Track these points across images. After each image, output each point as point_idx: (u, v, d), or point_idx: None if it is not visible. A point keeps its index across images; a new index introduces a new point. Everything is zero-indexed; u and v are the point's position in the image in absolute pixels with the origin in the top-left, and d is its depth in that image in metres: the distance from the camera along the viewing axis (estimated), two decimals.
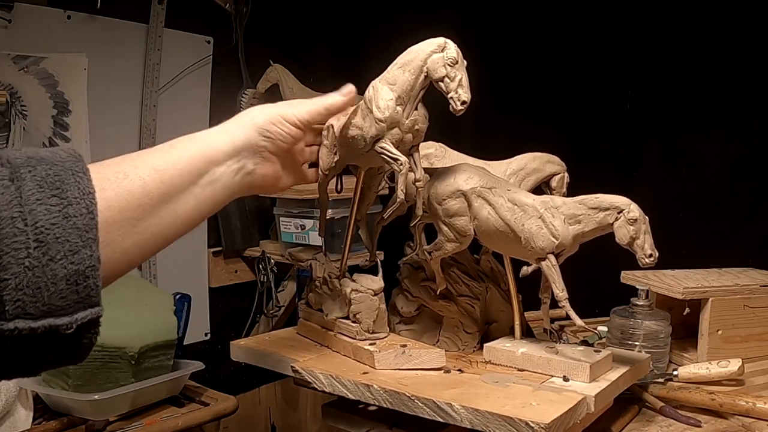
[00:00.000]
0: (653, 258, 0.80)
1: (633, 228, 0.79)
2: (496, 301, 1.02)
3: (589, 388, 0.81)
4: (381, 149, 0.81)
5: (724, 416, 0.93)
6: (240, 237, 1.93)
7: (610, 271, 1.23)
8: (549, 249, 0.83)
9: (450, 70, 0.78)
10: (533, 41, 1.71)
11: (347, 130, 0.84)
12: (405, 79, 0.80)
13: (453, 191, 0.87)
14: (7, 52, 1.43)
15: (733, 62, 1.43)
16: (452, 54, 0.79)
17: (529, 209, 0.84)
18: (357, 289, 0.93)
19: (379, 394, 0.81)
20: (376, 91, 0.81)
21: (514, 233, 0.85)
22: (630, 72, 1.59)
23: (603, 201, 0.82)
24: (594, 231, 0.83)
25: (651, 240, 0.80)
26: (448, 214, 0.87)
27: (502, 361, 0.91)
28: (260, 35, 1.91)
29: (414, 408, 0.78)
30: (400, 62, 0.82)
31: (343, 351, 0.95)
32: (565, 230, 0.83)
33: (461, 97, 0.78)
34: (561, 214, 0.83)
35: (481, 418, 0.73)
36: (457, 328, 1.01)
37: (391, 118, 0.80)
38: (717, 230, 1.47)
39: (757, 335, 1.15)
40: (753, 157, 1.42)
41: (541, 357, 0.87)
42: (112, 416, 1.15)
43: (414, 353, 0.88)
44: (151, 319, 1.25)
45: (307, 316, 1.05)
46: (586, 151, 1.66)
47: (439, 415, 0.76)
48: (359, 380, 0.84)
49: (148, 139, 1.67)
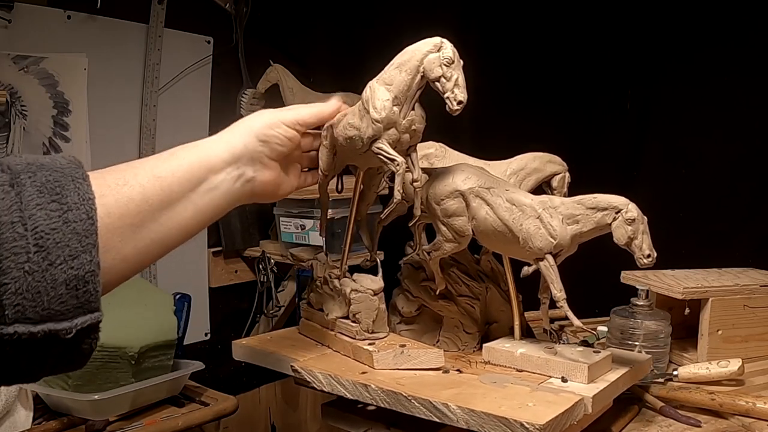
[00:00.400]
0: (651, 258, 0.79)
1: (631, 228, 0.79)
2: (496, 301, 1.02)
3: (587, 389, 0.81)
4: (378, 150, 0.81)
5: (724, 416, 0.93)
6: (240, 237, 1.93)
7: (610, 271, 1.23)
8: (547, 249, 0.83)
9: (446, 70, 0.78)
10: (533, 41, 1.71)
11: (345, 130, 0.84)
12: (402, 80, 0.80)
13: (451, 191, 0.87)
14: (7, 52, 1.43)
15: (733, 62, 1.43)
16: (448, 54, 0.78)
17: (527, 209, 0.84)
18: (357, 289, 0.93)
19: (377, 394, 0.81)
20: (373, 92, 0.81)
21: (512, 233, 0.84)
22: (630, 72, 1.59)
23: (601, 201, 0.82)
24: (592, 231, 0.82)
25: (649, 240, 0.80)
26: (447, 214, 0.87)
27: (501, 361, 0.91)
28: (260, 35, 1.91)
29: (411, 408, 0.78)
30: (396, 62, 0.81)
31: (343, 351, 0.95)
32: (563, 230, 0.82)
33: (457, 97, 0.78)
34: (559, 214, 0.83)
35: (477, 419, 0.73)
36: (457, 328, 1.01)
37: (387, 119, 0.80)
38: (717, 230, 1.46)
39: (757, 335, 1.15)
40: (753, 157, 1.42)
41: (539, 358, 0.87)
42: (112, 416, 1.15)
43: (413, 353, 0.88)
44: (151, 319, 1.25)
45: (308, 315, 1.06)
46: (586, 151, 1.66)
47: (435, 415, 0.77)
48: (357, 380, 0.84)
49: (148, 139, 1.68)
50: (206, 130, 1.85)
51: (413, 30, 0.87)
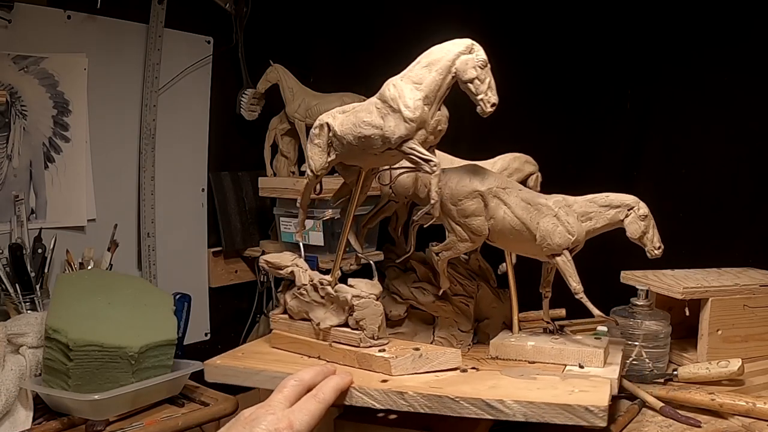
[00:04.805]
0: (661, 249, 0.89)
1: (644, 223, 0.88)
2: (487, 299, 1.03)
3: (607, 372, 0.85)
4: (410, 150, 0.80)
5: (724, 416, 0.93)
6: (240, 237, 1.93)
7: (610, 271, 1.23)
8: (565, 245, 0.88)
9: (480, 72, 0.79)
10: (532, 41, 1.71)
11: (357, 129, 0.82)
12: (432, 79, 0.79)
13: (470, 191, 0.88)
14: (7, 52, 1.43)
15: (733, 62, 1.43)
16: (482, 56, 0.79)
17: (543, 208, 0.89)
18: (359, 294, 0.89)
19: (415, 400, 0.78)
20: (400, 90, 0.80)
21: (529, 231, 0.88)
22: (630, 72, 1.59)
23: (614, 199, 0.90)
24: (603, 227, 0.90)
25: (658, 234, 0.89)
26: (464, 214, 0.88)
27: (512, 355, 0.92)
28: (260, 35, 1.90)
29: (459, 409, 0.76)
30: (424, 61, 0.81)
31: (342, 361, 0.90)
32: (579, 227, 0.88)
33: (491, 100, 0.79)
34: (573, 212, 0.89)
35: (536, 410, 0.73)
36: (452, 327, 1.01)
37: (420, 118, 0.79)
38: (717, 230, 1.46)
39: (757, 335, 1.15)
40: (753, 157, 1.42)
41: (553, 348, 0.90)
42: (112, 416, 1.15)
43: (431, 355, 0.87)
44: (151, 319, 1.25)
45: (284, 327, 0.99)
46: (586, 151, 1.66)
47: (488, 412, 0.75)
48: (388, 388, 0.80)
49: (148, 139, 1.67)
50: (206, 130, 1.85)
51: (413, 30, 0.87)
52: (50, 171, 1.53)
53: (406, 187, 1.02)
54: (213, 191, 1.87)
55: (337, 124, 0.85)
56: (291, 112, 1.75)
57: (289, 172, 1.83)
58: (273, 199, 1.86)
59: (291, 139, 1.82)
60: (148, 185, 1.69)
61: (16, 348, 1.22)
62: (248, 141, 1.92)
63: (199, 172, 1.86)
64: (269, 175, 1.84)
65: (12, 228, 1.44)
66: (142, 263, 1.71)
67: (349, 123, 0.83)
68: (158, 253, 1.73)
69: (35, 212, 1.51)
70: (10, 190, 1.46)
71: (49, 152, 1.53)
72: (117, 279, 1.36)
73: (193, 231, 1.87)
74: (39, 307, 1.37)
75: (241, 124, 1.89)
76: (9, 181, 1.46)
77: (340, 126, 0.84)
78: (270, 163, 1.84)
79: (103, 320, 1.18)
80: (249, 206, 1.94)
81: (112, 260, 1.55)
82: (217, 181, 1.88)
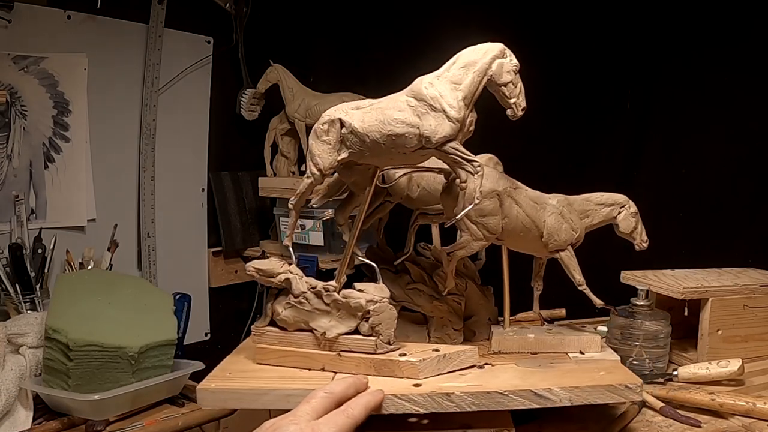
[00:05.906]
0: (647, 242, 0.99)
1: (635, 219, 0.98)
2: (475, 296, 1.05)
3: (607, 356, 0.94)
4: (453, 150, 0.80)
5: (724, 416, 0.93)
6: (240, 237, 1.93)
7: (610, 271, 1.23)
8: (570, 241, 0.95)
9: (514, 77, 0.80)
10: (532, 41, 1.71)
11: (388, 127, 0.80)
12: (471, 81, 0.80)
13: (488, 192, 0.89)
14: (7, 52, 1.43)
15: (733, 62, 1.43)
16: (515, 61, 0.82)
17: (548, 207, 0.95)
18: (373, 299, 0.85)
19: (462, 399, 0.78)
20: (440, 89, 0.80)
21: (537, 229, 0.93)
22: (630, 72, 1.59)
23: (608, 198, 0.98)
24: (599, 223, 0.99)
25: (644, 228, 1.00)
26: (482, 213, 0.89)
27: (514, 348, 0.97)
28: (260, 35, 1.91)
29: (508, 403, 0.79)
30: (460, 63, 0.81)
31: (355, 370, 0.85)
32: (580, 224, 0.96)
33: (522, 104, 0.82)
34: (574, 210, 0.96)
35: (581, 393, 0.79)
36: (446, 326, 1.02)
37: (462, 119, 0.80)
38: (717, 230, 1.46)
39: (757, 335, 1.15)
40: (753, 157, 1.42)
41: (554, 338, 0.96)
42: (112, 416, 1.15)
43: (452, 355, 0.86)
44: (151, 319, 1.25)
45: (273, 341, 0.91)
46: (586, 151, 1.66)
47: (536, 402, 0.79)
48: (433, 392, 0.78)
49: (148, 138, 1.67)
50: (206, 130, 1.85)
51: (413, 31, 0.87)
52: (50, 171, 1.53)
53: (402, 187, 1.02)
54: (213, 191, 1.87)
55: (356, 120, 0.82)
56: (291, 112, 1.75)
57: (289, 172, 1.83)
58: (273, 199, 1.86)
59: (291, 139, 1.82)
60: (148, 185, 1.69)
61: (16, 348, 1.22)
62: (248, 141, 1.92)
63: (199, 172, 1.86)
64: (269, 175, 1.84)
65: (12, 228, 1.44)
66: (142, 263, 1.71)
67: (374, 120, 0.81)
68: (158, 253, 1.73)
69: (35, 212, 1.51)
70: (10, 190, 1.46)
71: (49, 152, 1.53)
72: (117, 279, 1.37)
73: (193, 231, 1.87)
74: (39, 307, 1.37)
75: (241, 124, 1.89)
76: (9, 181, 1.46)
77: (360, 122, 0.81)
78: (270, 163, 1.84)
79: (103, 320, 1.18)
80: (249, 206, 1.95)
81: (112, 260, 1.55)
82: (217, 181, 1.89)
